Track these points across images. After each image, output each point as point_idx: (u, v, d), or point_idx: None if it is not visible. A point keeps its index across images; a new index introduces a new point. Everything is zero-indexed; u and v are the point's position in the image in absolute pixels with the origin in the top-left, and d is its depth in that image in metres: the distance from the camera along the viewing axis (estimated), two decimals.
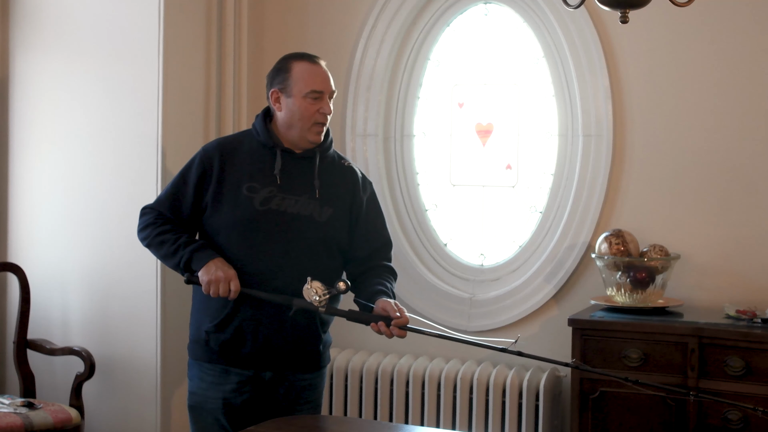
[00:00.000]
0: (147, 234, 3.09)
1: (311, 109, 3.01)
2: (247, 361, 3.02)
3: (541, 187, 4.20)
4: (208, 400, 3.05)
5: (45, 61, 4.29)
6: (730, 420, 3.34)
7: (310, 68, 3.05)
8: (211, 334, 3.03)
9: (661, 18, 3.70)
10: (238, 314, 2.99)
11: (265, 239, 2.98)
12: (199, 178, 3.04)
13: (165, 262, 3.10)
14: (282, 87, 3.04)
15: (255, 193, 3.00)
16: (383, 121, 4.40)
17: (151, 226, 3.08)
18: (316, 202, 3.03)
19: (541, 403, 3.90)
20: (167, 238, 3.03)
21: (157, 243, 3.06)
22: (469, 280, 4.28)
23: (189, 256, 2.98)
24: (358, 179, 3.16)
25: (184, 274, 3.02)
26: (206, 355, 3.06)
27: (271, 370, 3.04)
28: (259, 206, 2.99)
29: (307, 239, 3.00)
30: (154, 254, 3.13)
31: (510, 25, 4.25)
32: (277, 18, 4.52)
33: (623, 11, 2.69)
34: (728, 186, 3.84)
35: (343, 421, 2.94)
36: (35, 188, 4.33)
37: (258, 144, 3.06)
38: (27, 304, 4.15)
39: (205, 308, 3.05)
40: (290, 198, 3.01)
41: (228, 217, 3.00)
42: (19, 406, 3.79)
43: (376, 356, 4.24)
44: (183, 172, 3.10)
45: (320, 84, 3.03)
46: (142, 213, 3.14)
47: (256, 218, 2.98)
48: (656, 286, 3.70)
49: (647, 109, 3.95)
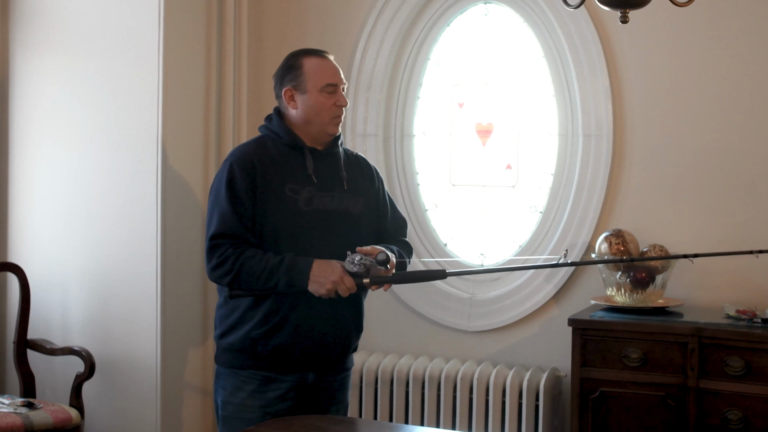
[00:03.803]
0: (228, 268, 2.92)
1: (328, 103, 3.02)
2: (294, 365, 3.00)
3: (541, 187, 4.20)
4: (247, 410, 3.01)
5: (45, 61, 4.29)
6: (730, 420, 3.34)
7: (321, 62, 3.06)
8: (260, 340, 2.97)
9: (661, 18, 3.70)
10: (293, 314, 2.96)
11: (313, 238, 2.98)
12: (249, 185, 2.96)
13: (261, 288, 2.95)
14: (295, 84, 3.04)
15: (297, 195, 2.99)
16: (383, 121, 4.40)
17: (231, 257, 2.92)
18: (347, 195, 3.06)
19: (541, 403, 3.90)
20: (253, 266, 2.91)
21: (245, 275, 2.92)
22: (469, 280, 4.28)
23: (287, 279, 2.90)
24: (371, 167, 3.23)
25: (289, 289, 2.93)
26: (249, 362, 3.01)
27: (314, 372, 3.03)
28: (304, 206, 2.99)
29: (348, 232, 3.02)
30: (238, 286, 2.96)
31: (510, 25, 4.25)
32: (277, 18, 4.52)
33: (623, 11, 2.69)
34: (728, 186, 3.84)
35: (343, 421, 2.93)
36: (35, 188, 4.33)
37: (283, 146, 3.05)
38: (27, 304, 4.15)
39: (251, 315, 2.99)
40: (327, 195, 3.03)
41: (275, 220, 2.96)
42: (19, 406, 3.79)
43: (376, 356, 4.24)
44: (228, 186, 2.96)
45: (333, 77, 3.05)
46: (213, 245, 2.95)
47: (303, 219, 2.98)
48: (656, 286, 3.70)
49: (647, 109, 3.95)
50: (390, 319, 4.33)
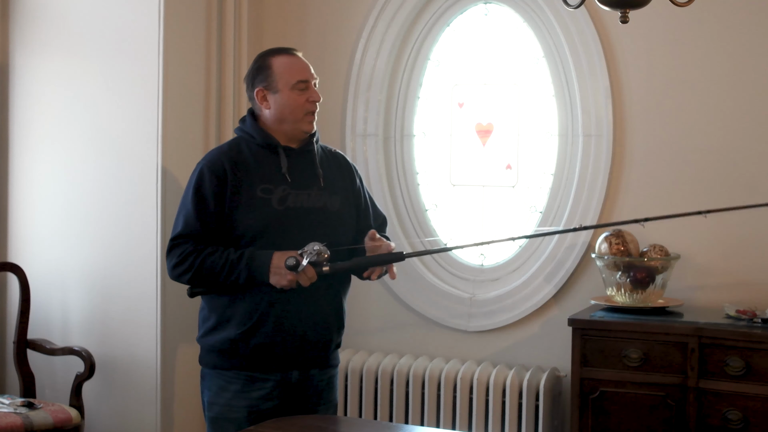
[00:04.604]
0: (188, 265, 2.96)
1: (300, 100, 3.03)
2: (277, 364, 3.00)
3: (541, 187, 4.20)
4: (233, 410, 3.01)
5: (45, 60, 4.29)
6: (730, 420, 3.34)
7: (290, 60, 3.07)
8: (240, 341, 2.98)
9: (661, 18, 3.70)
10: (271, 313, 2.97)
11: (289, 237, 2.97)
12: (217, 188, 2.97)
13: (221, 284, 2.97)
14: (266, 84, 3.04)
15: (270, 194, 2.99)
16: (383, 121, 4.40)
17: (191, 255, 2.95)
18: (324, 193, 3.06)
19: (541, 403, 3.90)
20: (214, 262, 2.93)
21: (206, 271, 2.94)
22: (469, 280, 4.28)
23: (247, 273, 2.91)
24: (350, 164, 3.23)
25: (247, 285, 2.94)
26: (231, 363, 3.01)
27: (298, 369, 3.03)
28: (277, 206, 2.99)
29: (325, 230, 3.01)
30: (199, 283, 3.00)
31: (510, 25, 4.25)
32: (276, 18, 4.52)
33: (623, 11, 2.70)
34: (728, 186, 3.84)
35: (343, 421, 2.94)
36: (35, 188, 4.33)
37: (257, 146, 3.05)
38: (27, 304, 4.15)
39: (229, 315, 3.00)
40: (303, 193, 3.03)
41: (249, 221, 2.97)
42: (19, 406, 3.79)
43: (376, 356, 4.24)
44: (195, 189, 2.99)
45: (303, 73, 3.06)
46: (173, 245, 3.00)
47: (277, 218, 2.98)
48: (656, 286, 3.70)
49: (647, 109, 3.95)
50: (390, 319, 4.33)
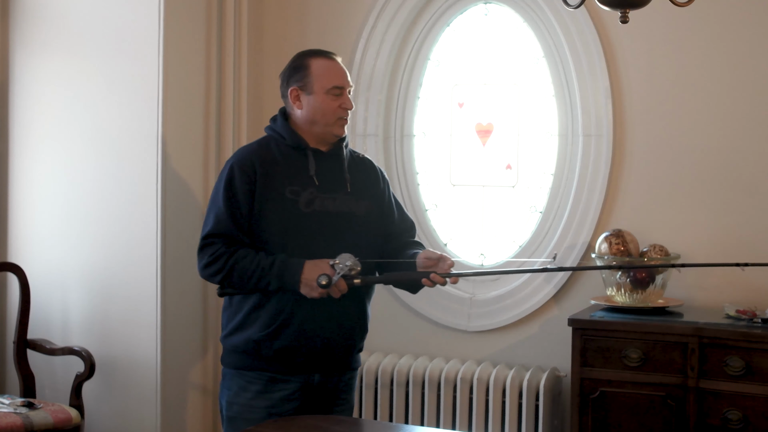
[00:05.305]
0: (220, 267, 2.94)
1: (333, 105, 3.03)
2: (300, 366, 3.00)
3: (541, 187, 4.20)
4: (252, 410, 3.00)
5: (45, 61, 4.29)
6: (730, 420, 3.34)
7: (329, 64, 3.06)
8: (263, 342, 2.97)
9: (661, 18, 3.70)
10: (295, 317, 2.95)
11: (316, 240, 2.97)
12: (247, 185, 2.96)
13: (252, 288, 2.97)
14: (302, 85, 3.04)
15: (298, 196, 2.98)
16: (383, 121, 4.40)
17: (222, 256, 2.93)
18: (351, 197, 3.05)
19: (541, 403, 3.90)
20: (245, 267, 2.92)
21: (236, 275, 2.93)
22: (469, 280, 4.28)
23: (278, 283, 2.90)
24: (377, 169, 3.22)
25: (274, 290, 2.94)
26: (254, 364, 3.00)
27: (320, 373, 3.03)
28: (304, 209, 2.98)
29: (351, 235, 3.01)
30: (229, 284, 2.98)
31: (510, 25, 4.25)
32: (276, 18, 4.52)
33: (623, 11, 2.70)
34: (728, 186, 3.84)
35: (343, 421, 2.92)
36: (35, 188, 4.33)
37: (287, 147, 3.04)
38: (27, 304, 4.15)
39: (255, 317, 2.99)
40: (329, 197, 3.02)
41: (275, 223, 2.96)
42: (19, 406, 3.79)
43: (376, 356, 4.24)
44: (226, 186, 2.98)
45: (340, 79, 3.05)
46: (205, 244, 2.98)
47: (303, 221, 2.97)
48: (656, 286, 3.70)
49: (647, 109, 3.95)
50: (390, 319, 4.33)
